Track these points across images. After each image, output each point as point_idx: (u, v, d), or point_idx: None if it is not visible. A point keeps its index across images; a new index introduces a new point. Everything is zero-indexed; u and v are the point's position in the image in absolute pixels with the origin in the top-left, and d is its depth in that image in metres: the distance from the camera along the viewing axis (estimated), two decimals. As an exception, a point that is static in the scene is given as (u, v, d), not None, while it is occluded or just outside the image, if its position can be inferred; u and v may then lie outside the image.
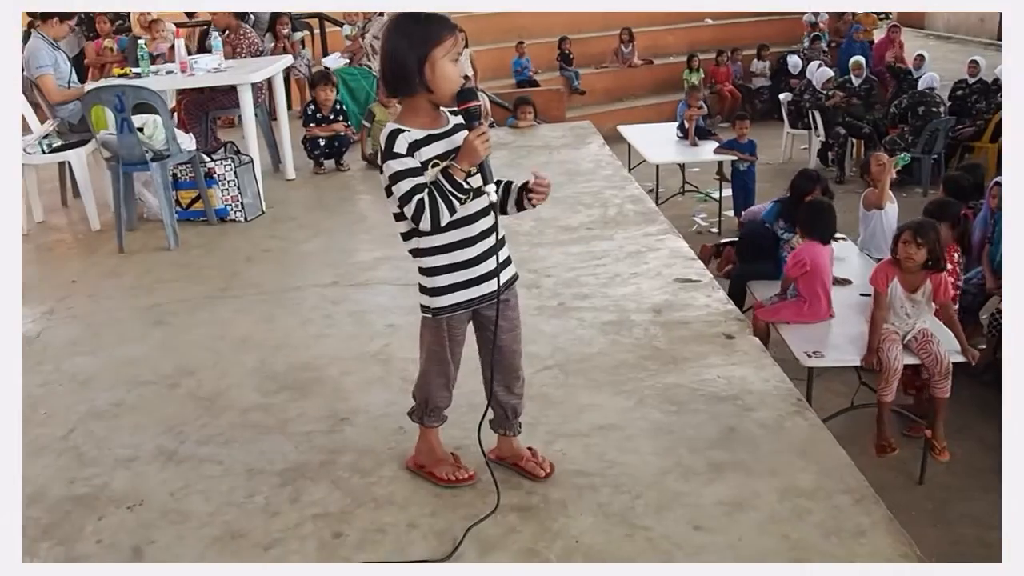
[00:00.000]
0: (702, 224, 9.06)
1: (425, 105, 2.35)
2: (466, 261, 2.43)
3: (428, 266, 2.45)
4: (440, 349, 2.55)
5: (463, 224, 2.39)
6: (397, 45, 2.30)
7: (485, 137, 2.30)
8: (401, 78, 2.31)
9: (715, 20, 16.20)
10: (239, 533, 2.58)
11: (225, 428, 3.15)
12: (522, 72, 13.10)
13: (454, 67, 2.30)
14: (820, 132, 10.79)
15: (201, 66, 5.71)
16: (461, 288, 2.45)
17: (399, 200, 2.31)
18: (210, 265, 4.90)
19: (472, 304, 2.48)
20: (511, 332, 2.58)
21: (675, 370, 3.36)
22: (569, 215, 5.37)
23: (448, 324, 2.51)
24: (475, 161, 2.31)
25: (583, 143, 7.36)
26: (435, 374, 2.60)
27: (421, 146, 2.31)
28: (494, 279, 2.44)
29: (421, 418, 2.70)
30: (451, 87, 2.30)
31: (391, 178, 2.30)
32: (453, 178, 2.29)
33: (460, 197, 2.32)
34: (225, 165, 5.50)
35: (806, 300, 4.53)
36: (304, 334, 3.92)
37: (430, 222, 2.30)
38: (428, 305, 2.49)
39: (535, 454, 2.75)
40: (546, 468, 2.71)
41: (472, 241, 2.42)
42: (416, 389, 2.68)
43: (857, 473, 2.66)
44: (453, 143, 2.36)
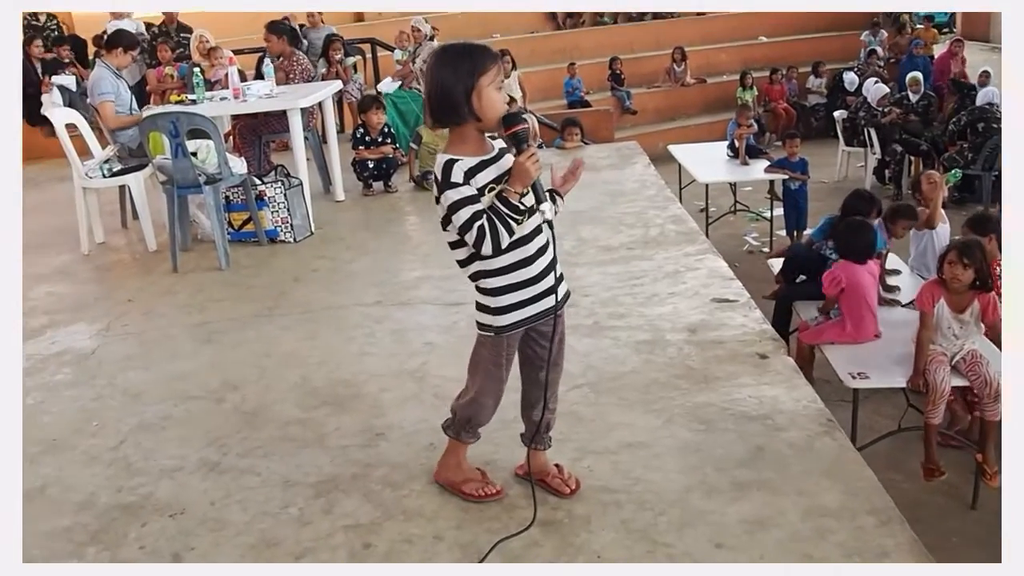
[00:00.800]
0: (753, 244, 9.00)
1: (473, 133, 2.42)
2: (527, 280, 2.49)
3: (492, 287, 2.49)
4: (497, 369, 2.61)
5: (520, 244, 2.45)
6: (444, 77, 2.37)
7: (535, 159, 2.36)
8: (449, 108, 2.38)
9: (769, 37, 16.10)
10: (273, 542, 2.66)
11: (265, 441, 3.25)
12: (573, 93, 13.17)
13: (499, 94, 2.39)
14: (876, 150, 10.64)
15: (253, 92, 5.90)
16: (523, 306, 2.51)
17: (459, 229, 2.37)
18: (259, 285, 5.04)
19: (532, 321, 2.55)
20: (560, 346, 2.65)
21: (706, 389, 3.37)
22: (610, 235, 5.40)
23: (508, 342, 2.57)
24: (527, 183, 2.37)
25: (628, 163, 7.39)
26: (489, 393, 2.65)
27: (476, 173, 2.38)
28: (552, 295, 2.53)
29: (458, 433, 2.76)
30: (497, 114, 2.37)
31: (451, 207, 2.36)
32: (508, 201, 2.36)
33: (517, 219, 2.38)
34: (275, 188, 5.65)
35: (849, 320, 4.49)
36: (346, 351, 4.01)
37: (491, 246, 2.36)
38: (491, 324, 2.54)
39: (561, 471, 2.79)
40: (571, 485, 2.75)
41: (531, 260, 2.48)
42: (462, 406, 2.72)
43: (884, 495, 2.64)
44: (503, 167, 2.43)
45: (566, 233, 5.44)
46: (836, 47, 15.82)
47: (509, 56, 9.91)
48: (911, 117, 10.76)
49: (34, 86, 9.37)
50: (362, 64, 9.82)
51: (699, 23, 16.30)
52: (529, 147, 2.38)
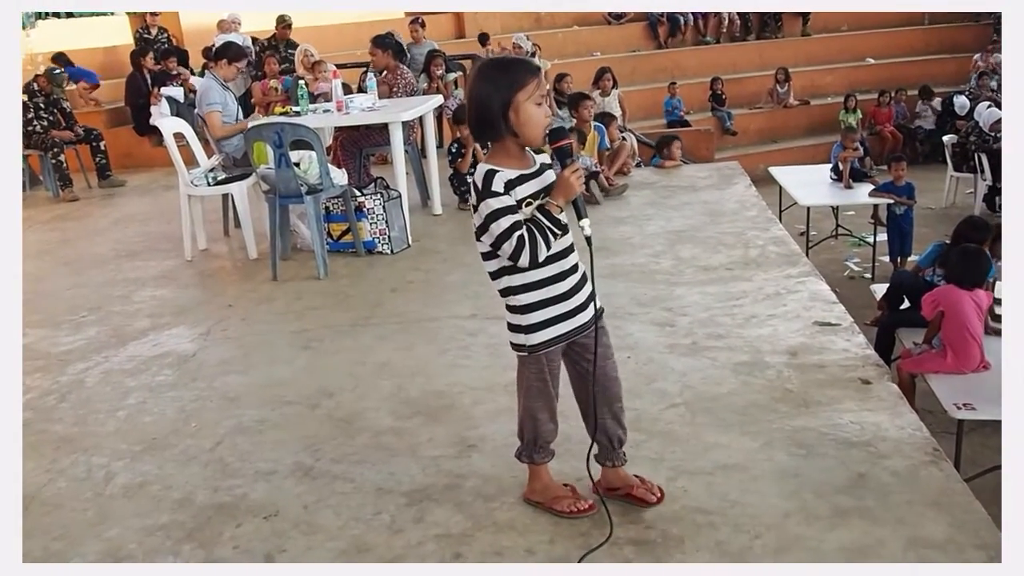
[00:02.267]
0: (855, 269, 8.75)
1: (514, 147, 2.43)
2: (560, 295, 2.50)
3: (521, 303, 2.50)
4: (543, 385, 2.60)
5: (555, 259, 2.47)
6: (481, 91, 2.40)
7: (579, 173, 2.39)
8: (487, 123, 2.40)
9: (877, 59, 15.72)
10: (364, 547, 2.68)
11: (359, 448, 3.29)
12: (673, 112, 13.08)
13: (538, 110, 2.38)
14: (987, 176, 10.23)
15: (356, 105, 6.03)
16: (556, 322, 2.51)
17: (498, 238, 2.37)
18: (356, 294, 5.12)
19: (568, 337, 2.54)
20: (609, 360, 2.64)
21: (806, 413, 3.27)
22: (710, 255, 5.32)
23: (547, 358, 2.57)
24: (570, 196, 2.40)
25: (729, 183, 7.28)
26: (540, 410, 2.64)
27: (515, 185, 2.39)
28: (586, 310, 2.53)
29: (531, 456, 2.74)
30: (536, 130, 2.39)
31: (489, 216, 2.37)
32: (550, 214, 2.39)
33: (557, 232, 2.41)
34: (375, 199, 5.75)
35: (951, 349, 4.32)
36: (440, 363, 4.04)
37: (528, 258, 2.38)
38: (523, 343, 2.54)
39: (644, 481, 2.75)
40: (656, 493, 2.72)
41: (564, 275, 2.50)
42: (522, 429, 2.72)
43: (994, 529, 2.51)
44: (543, 182, 2.45)
45: (664, 252, 5.39)
46: (947, 70, 15.37)
47: (610, 74, 9.91)
48: (1026, 142, 10.31)
49: (144, 97, 9.80)
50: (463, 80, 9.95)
51: (804, 44, 16.04)
52: (573, 162, 2.41)
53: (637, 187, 7.30)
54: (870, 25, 16.32)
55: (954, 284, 4.49)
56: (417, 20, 10.26)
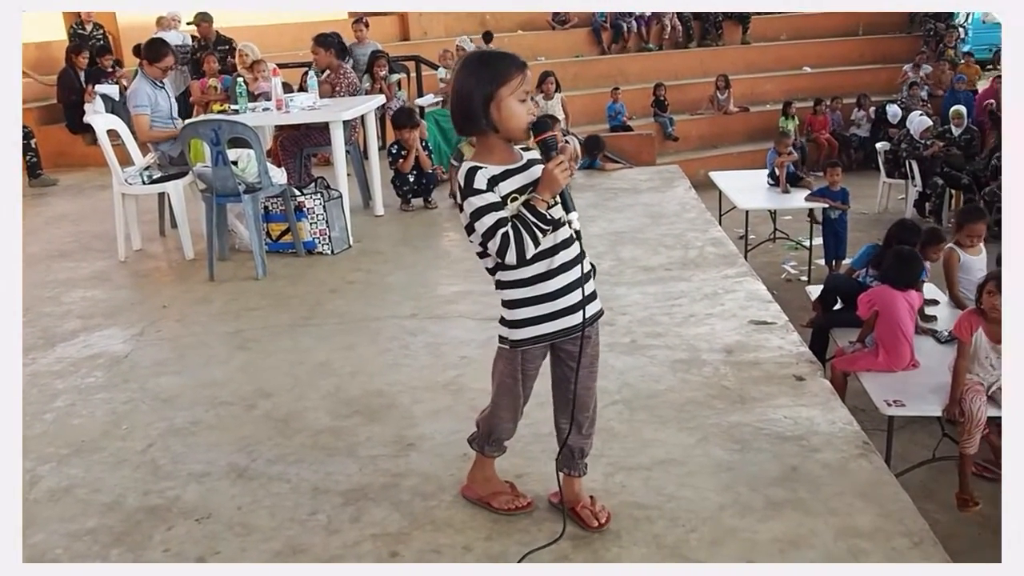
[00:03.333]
0: (792, 272, 8.91)
1: (498, 142, 2.38)
2: (548, 294, 2.41)
3: (510, 299, 2.45)
4: (512, 382, 2.54)
5: (543, 257, 2.39)
6: (464, 85, 2.34)
7: (564, 166, 2.30)
8: (469, 117, 2.34)
9: (814, 68, 16.05)
10: (300, 548, 2.64)
11: (296, 448, 3.24)
12: (616, 117, 13.18)
13: (521, 106, 2.32)
14: (918, 182, 10.52)
15: (296, 104, 5.96)
16: (541, 321, 2.43)
17: (483, 236, 2.32)
18: (295, 295, 5.06)
19: (551, 338, 2.46)
20: (588, 369, 2.54)
21: (742, 409, 3.32)
22: (650, 256, 5.38)
23: (523, 357, 2.50)
24: (556, 190, 2.31)
25: (669, 186, 7.37)
26: (504, 407, 2.60)
27: (499, 181, 2.33)
28: (577, 313, 2.42)
29: (482, 447, 2.73)
30: (518, 125, 2.32)
31: (473, 215, 2.32)
32: (536, 209, 2.30)
33: (544, 228, 2.32)
34: (315, 199, 5.69)
35: (883, 348, 4.42)
36: (380, 362, 4.01)
37: (515, 255, 2.31)
38: (506, 336, 2.49)
39: (594, 503, 2.66)
40: (601, 519, 2.62)
41: (553, 274, 2.40)
42: (482, 419, 2.70)
43: (919, 517, 2.58)
44: (530, 177, 2.37)
45: (605, 253, 5.43)
46: (880, 79, 15.73)
47: (553, 77, 9.97)
48: (953, 151, 10.63)
49: (77, 94, 9.56)
50: (406, 81, 9.91)
51: (744, 52, 16.30)
52: (558, 155, 2.32)
53: (580, 189, 7.34)
54: (807, 35, 16.67)
55: (888, 285, 4.59)
56: (361, 20, 10.19)
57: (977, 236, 5.29)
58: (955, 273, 5.27)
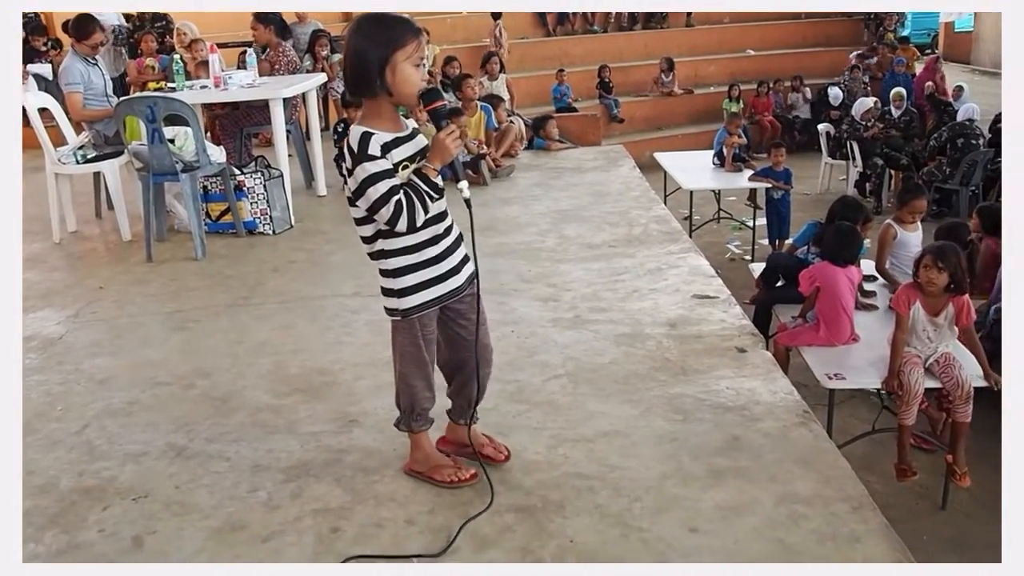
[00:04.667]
0: (736, 252, 9.00)
1: (388, 108, 2.39)
2: (432, 259, 2.47)
3: (394, 267, 2.46)
4: (416, 350, 2.57)
5: (430, 224, 2.43)
6: (358, 46, 2.32)
7: (455, 135, 2.36)
8: (362, 79, 2.33)
9: (757, 51, 16.20)
10: (239, 525, 2.60)
11: (235, 427, 3.19)
12: (561, 99, 13.16)
13: (415, 71, 2.33)
14: (858, 163, 10.69)
15: (235, 81, 5.84)
16: (428, 286, 2.48)
17: (375, 202, 2.32)
18: (235, 275, 4.97)
19: (440, 301, 2.52)
20: (483, 325, 2.63)
21: (684, 381, 3.35)
22: (594, 233, 5.38)
23: (420, 323, 2.53)
24: (447, 159, 2.37)
25: (614, 166, 7.39)
26: (414, 376, 2.61)
27: (391, 148, 2.35)
28: (459, 274, 2.52)
29: (409, 425, 2.71)
30: (412, 90, 2.34)
31: (366, 180, 2.31)
32: (428, 178, 2.35)
33: (435, 196, 2.38)
34: (255, 178, 5.59)
35: (824, 323, 4.48)
36: (321, 340, 3.96)
37: (407, 223, 2.34)
38: (396, 307, 2.51)
39: (492, 440, 2.81)
40: (503, 452, 2.78)
41: (438, 239, 2.47)
42: (398, 397, 2.69)
43: (857, 482, 2.63)
44: (418, 145, 2.42)
45: (550, 231, 5.42)
46: (821, 62, 15.94)
47: (497, 58, 9.92)
48: (893, 132, 10.84)
49: (10, 74, 9.24)
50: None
51: (688, 35, 16.37)
52: (448, 124, 2.37)
53: (524, 169, 7.33)
54: (750, 18, 16.79)
55: (829, 261, 4.65)
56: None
57: (918, 212, 5.37)
58: (886, 248, 5.35)
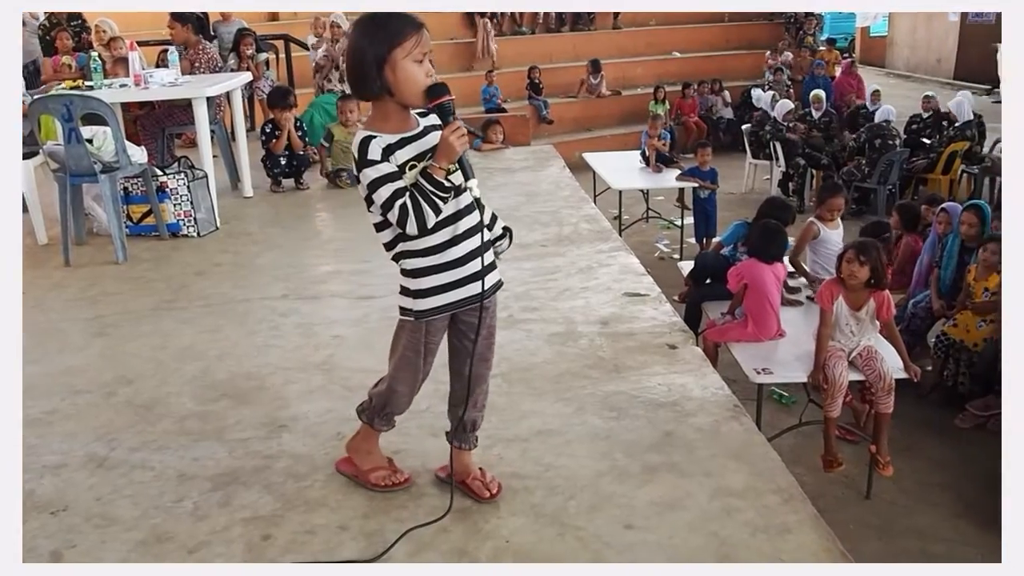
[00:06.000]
0: (664, 250, 9.11)
1: (393, 108, 2.28)
2: (452, 261, 2.34)
3: (413, 267, 2.35)
4: (415, 356, 2.46)
5: (447, 224, 2.31)
6: (358, 46, 2.24)
7: (461, 132, 2.22)
8: (363, 80, 2.23)
9: (682, 53, 16.44)
10: (164, 537, 2.52)
11: (159, 435, 3.10)
12: (491, 100, 13.16)
13: (417, 67, 2.21)
14: (781, 163, 10.92)
15: (156, 80, 5.68)
16: (445, 290, 2.36)
17: (382, 207, 2.23)
18: (158, 279, 4.84)
19: (455, 307, 2.39)
20: (487, 340, 2.49)
21: (617, 378, 3.36)
22: (525, 233, 5.37)
23: (427, 329, 2.42)
24: (453, 158, 2.23)
25: (544, 166, 7.41)
26: (403, 381, 2.51)
27: (395, 150, 2.24)
28: (478, 281, 2.35)
29: (372, 419, 2.63)
30: (414, 88, 2.22)
31: (370, 186, 2.23)
32: (433, 178, 2.22)
33: (443, 196, 2.24)
34: (178, 179, 5.45)
35: (752, 319, 4.56)
36: (249, 344, 3.88)
37: (416, 225, 2.23)
38: (410, 308, 2.39)
39: (484, 474, 2.63)
40: (492, 490, 2.59)
41: (458, 240, 2.33)
42: (377, 391, 2.60)
43: (787, 474, 2.67)
44: (427, 144, 2.28)
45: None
46: (744, 64, 16.28)
47: (429, 58, 9.84)
48: (814, 132, 11.11)
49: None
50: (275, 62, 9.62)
51: (615, 37, 16.51)
52: (455, 120, 2.23)
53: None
54: (676, 21, 17.03)
55: (756, 258, 4.72)
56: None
57: (837, 210, 5.48)
58: (804, 242, 5.45)
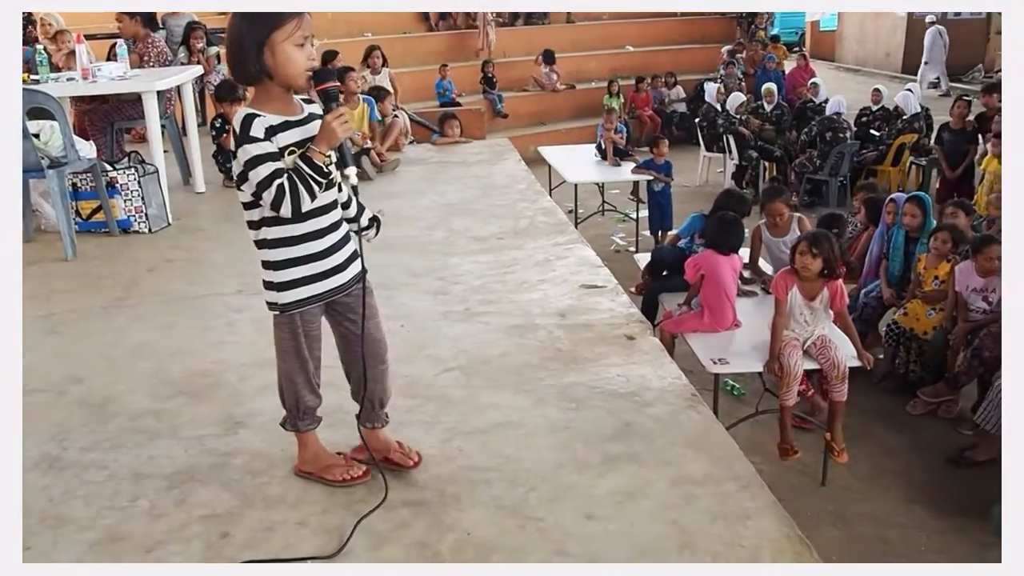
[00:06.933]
0: (620, 243, 9.15)
1: (276, 90, 2.30)
2: (315, 254, 2.37)
3: (274, 259, 2.38)
4: (296, 346, 2.48)
5: (315, 215, 2.34)
6: (237, 29, 2.25)
7: (344, 119, 2.26)
8: (241, 63, 2.25)
9: (636, 47, 16.52)
10: (120, 536, 2.48)
11: (113, 434, 3.05)
12: (444, 94, 13.11)
13: (298, 51, 2.24)
14: (735, 155, 11.03)
15: (104, 73, 5.57)
16: (311, 282, 2.39)
17: (257, 185, 2.24)
18: (109, 275, 4.75)
19: (321, 299, 2.43)
20: (373, 319, 2.53)
21: (576, 370, 3.38)
22: (481, 226, 5.38)
23: (302, 319, 2.44)
24: (333, 143, 2.27)
25: (500, 159, 7.42)
26: (295, 372, 2.52)
27: (278, 132, 2.26)
28: (345, 271, 2.42)
29: (296, 424, 2.62)
30: (294, 72, 2.25)
31: (248, 163, 2.23)
32: (313, 161, 2.25)
33: (320, 181, 2.28)
34: (128, 174, 5.36)
35: (708, 310, 4.60)
36: (203, 341, 3.83)
37: (291, 208, 2.24)
38: (275, 301, 2.42)
39: (402, 445, 2.70)
40: (413, 458, 2.68)
41: (322, 233, 2.37)
42: (282, 395, 2.60)
43: (745, 461, 2.70)
44: (309, 131, 2.31)
45: (438, 224, 5.39)
46: (697, 58, 16.40)
47: (380, 51, 9.78)
48: (766, 126, 11.24)
49: None
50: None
51: (569, 31, 16.54)
52: (338, 107, 2.28)
53: (410, 163, 7.27)
54: (629, 16, 17.11)
55: (713, 250, 4.77)
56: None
57: (778, 214, 5.44)
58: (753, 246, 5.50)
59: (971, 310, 5.14)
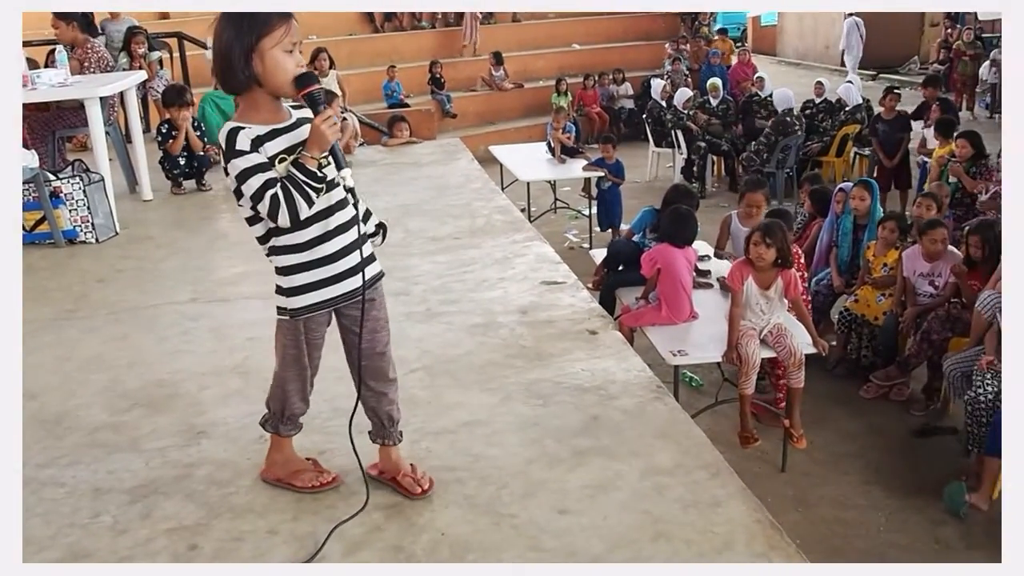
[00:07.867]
0: (574, 240, 9.18)
1: (264, 99, 2.24)
2: (324, 258, 2.31)
3: (284, 264, 2.33)
4: (297, 353, 2.43)
5: (319, 219, 2.28)
6: (224, 36, 2.18)
7: (332, 121, 2.19)
8: (230, 71, 2.18)
9: (582, 45, 16.62)
10: (83, 554, 2.42)
11: (70, 449, 2.97)
12: (392, 95, 13.05)
13: (287, 57, 2.19)
14: (683, 150, 11.13)
15: (44, 80, 5.43)
16: (319, 287, 2.33)
17: (251, 199, 2.19)
18: (57, 288, 4.64)
19: (332, 304, 2.36)
20: (377, 333, 2.45)
21: (540, 366, 3.38)
22: (438, 226, 5.36)
23: (306, 326, 2.39)
24: (324, 147, 2.20)
25: (452, 159, 7.39)
26: (291, 380, 2.48)
27: (265, 141, 2.20)
28: (356, 276, 2.33)
29: (276, 427, 2.58)
30: (284, 77, 2.19)
31: (238, 177, 2.18)
32: (305, 167, 2.19)
33: (316, 187, 2.21)
34: (73, 184, 5.23)
35: (666, 303, 4.64)
36: (159, 351, 3.75)
37: (288, 217, 2.19)
38: (285, 306, 2.37)
39: (415, 470, 2.60)
40: (424, 485, 2.55)
41: (329, 236, 2.30)
42: (271, 397, 2.56)
43: (713, 450, 2.73)
44: (298, 137, 2.25)
45: (394, 224, 5.33)
46: (643, 55, 16.53)
47: (326, 54, 9.69)
48: (712, 120, 11.37)
49: None
50: (169, 60, 9.31)
51: (516, 30, 16.58)
52: (325, 109, 2.22)
53: (362, 165, 7.21)
54: (575, 14, 17.19)
55: (668, 243, 4.80)
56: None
57: (755, 206, 5.52)
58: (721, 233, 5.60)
59: (918, 294, 5.27)
